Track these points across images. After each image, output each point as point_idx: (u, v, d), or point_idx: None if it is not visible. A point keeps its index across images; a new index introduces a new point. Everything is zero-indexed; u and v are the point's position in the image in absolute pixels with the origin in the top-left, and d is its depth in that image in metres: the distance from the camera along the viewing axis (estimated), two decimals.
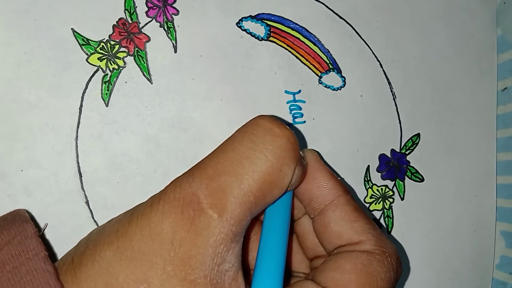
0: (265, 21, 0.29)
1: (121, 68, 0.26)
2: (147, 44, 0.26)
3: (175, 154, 0.26)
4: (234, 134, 0.18)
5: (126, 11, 0.26)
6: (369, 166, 0.31)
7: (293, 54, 0.29)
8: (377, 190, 0.31)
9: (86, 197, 0.25)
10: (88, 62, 0.25)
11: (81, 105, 0.25)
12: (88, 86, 0.25)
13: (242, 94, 0.28)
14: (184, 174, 0.18)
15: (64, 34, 0.25)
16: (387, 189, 0.31)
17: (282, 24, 0.29)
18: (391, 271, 0.19)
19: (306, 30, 0.30)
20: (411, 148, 0.32)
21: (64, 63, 0.25)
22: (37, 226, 0.19)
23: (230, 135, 0.18)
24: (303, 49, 0.30)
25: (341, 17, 0.31)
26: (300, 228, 0.23)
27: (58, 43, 0.25)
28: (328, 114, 0.30)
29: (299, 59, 0.30)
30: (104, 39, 0.26)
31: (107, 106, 0.26)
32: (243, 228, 0.17)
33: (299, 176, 0.19)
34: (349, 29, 0.31)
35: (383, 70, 0.32)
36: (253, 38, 0.29)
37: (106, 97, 0.25)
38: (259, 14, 0.29)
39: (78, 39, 0.25)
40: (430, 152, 0.33)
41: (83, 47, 0.25)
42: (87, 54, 0.25)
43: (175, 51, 0.27)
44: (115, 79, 0.26)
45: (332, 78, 0.30)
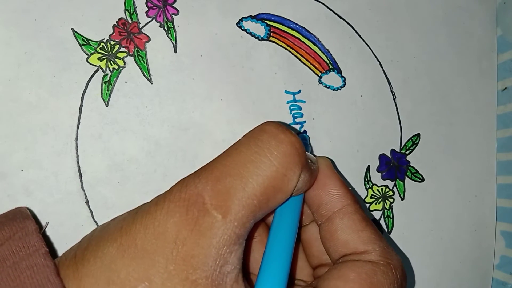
0: (265, 21, 0.29)
1: (121, 68, 0.26)
2: (147, 44, 0.26)
3: (175, 154, 0.26)
4: (240, 139, 0.19)
5: (126, 11, 0.26)
6: (369, 166, 0.31)
7: (293, 54, 0.29)
8: (377, 190, 0.31)
9: (86, 197, 0.25)
10: (88, 62, 0.25)
11: (81, 105, 0.25)
12: (88, 86, 0.25)
13: (242, 94, 0.28)
14: (190, 175, 0.18)
15: (64, 34, 0.25)
16: (387, 189, 0.31)
17: (282, 24, 0.29)
18: (395, 283, 0.18)
19: (306, 30, 0.30)
20: (411, 148, 0.32)
21: (64, 63, 0.25)
22: (38, 225, 0.19)
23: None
24: (303, 49, 0.30)
25: (341, 17, 0.31)
26: (307, 235, 0.23)
27: (58, 43, 0.25)
28: (328, 114, 0.30)
29: (299, 59, 0.30)
30: (104, 39, 0.26)
31: (107, 106, 0.26)
32: (246, 231, 0.17)
33: (306, 181, 0.19)
34: (349, 29, 0.31)
35: (383, 70, 0.32)
36: (253, 38, 0.29)
37: (106, 97, 0.25)
38: (259, 14, 0.29)
39: (78, 39, 0.25)
40: (430, 152, 0.33)
41: (83, 47, 0.25)
42: (87, 54, 0.25)
43: (175, 51, 0.27)
44: (115, 79, 0.26)
45: (332, 78, 0.30)
